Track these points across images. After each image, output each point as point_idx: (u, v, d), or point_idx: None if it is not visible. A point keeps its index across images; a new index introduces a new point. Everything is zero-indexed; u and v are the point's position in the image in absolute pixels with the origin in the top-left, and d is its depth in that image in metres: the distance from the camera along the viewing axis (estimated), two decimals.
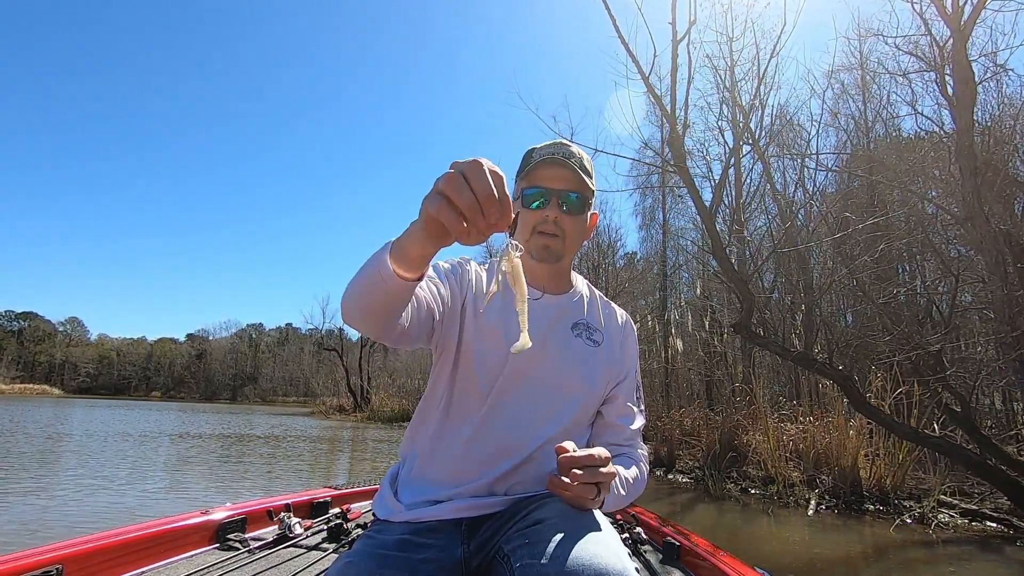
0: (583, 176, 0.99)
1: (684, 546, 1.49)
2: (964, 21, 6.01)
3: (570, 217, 1.00)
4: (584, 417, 1.05)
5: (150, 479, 7.43)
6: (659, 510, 5.96)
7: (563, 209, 0.99)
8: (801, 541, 4.69)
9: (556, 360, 1.01)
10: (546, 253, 1.00)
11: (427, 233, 0.67)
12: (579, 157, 1.01)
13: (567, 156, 0.99)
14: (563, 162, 0.98)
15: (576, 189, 0.99)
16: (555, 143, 1.02)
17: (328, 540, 1.58)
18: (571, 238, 1.01)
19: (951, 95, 6.91)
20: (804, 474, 6.53)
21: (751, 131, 5.56)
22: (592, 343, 1.06)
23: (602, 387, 1.06)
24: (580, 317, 1.08)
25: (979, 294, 7.46)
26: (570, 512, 0.77)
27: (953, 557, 4.29)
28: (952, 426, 6.05)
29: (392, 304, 0.80)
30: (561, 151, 1.00)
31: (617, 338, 1.11)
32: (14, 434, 12.70)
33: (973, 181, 6.05)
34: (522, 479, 0.95)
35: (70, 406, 33.40)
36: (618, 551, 0.71)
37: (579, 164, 1.00)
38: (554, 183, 0.98)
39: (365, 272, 0.78)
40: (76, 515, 5.06)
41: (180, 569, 1.31)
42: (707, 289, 12.41)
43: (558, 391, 1.01)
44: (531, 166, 1.00)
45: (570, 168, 0.98)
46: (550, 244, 1.00)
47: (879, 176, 7.71)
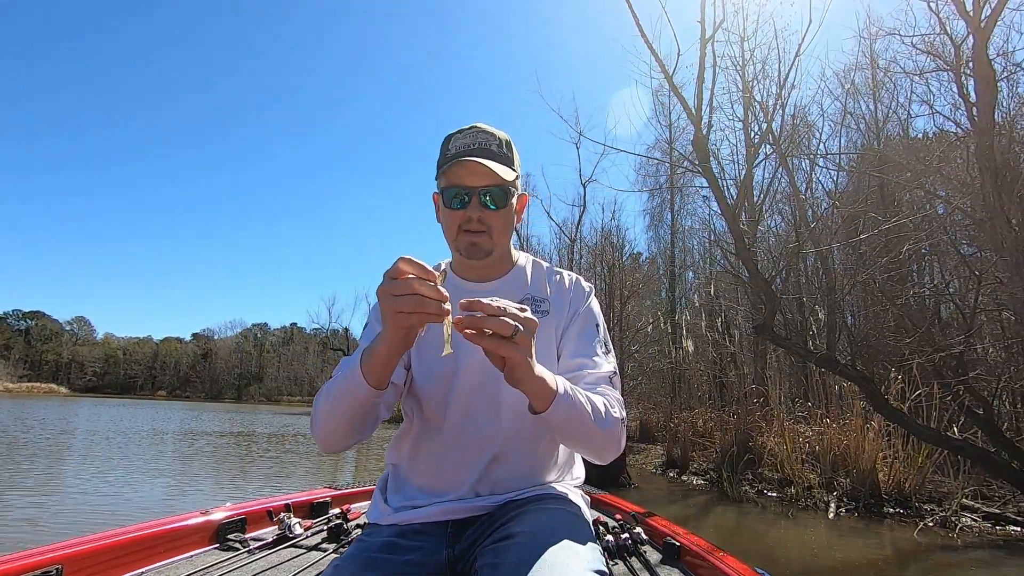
0: (502, 167, 0.95)
1: (684, 546, 1.47)
2: (984, 20, 5.95)
3: (494, 212, 0.97)
4: None
5: (153, 478, 7.45)
6: (676, 513, 5.96)
7: (485, 206, 0.96)
8: (824, 545, 4.65)
9: None
10: (474, 251, 0.98)
11: (395, 337, 0.76)
12: (499, 141, 0.98)
13: (484, 147, 0.96)
14: (479, 158, 0.94)
15: (496, 183, 0.95)
16: (471, 131, 0.98)
17: (328, 540, 1.58)
18: (498, 231, 0.99)
19: (967, 94, 6.86)
20: (821, 477, 6.48)
21: (773, 132, 5.52)
22: (540, 314, 1.02)
23: (552, 352, 1.03)
24: (524, 292, 1.05)
25: (991, 294, 7.39)
26: (541, 528, 0.78)
27: (979, 562, 4.25)
28: (970, 429, 6.00)
29: (368, 414, 0.88)
30: (478, 141, 0.96)
31: (566, 299, 1.06)
32: (28, 431, 12.76)
33: (993, 181, 5.99)
34: (501, 476, 0.96)
35: (77, 405, 33.57)
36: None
37: (499, 153, 0.97)
38: (473, 180, 0.95)
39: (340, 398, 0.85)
40: (78, 514, 5.09)
41: (180, 569, 1.30)
42: (717, 289, 12.35)
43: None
44: (448, 165, 0.95)
45: (488, 161, 0.94)
46: (477, 241, 0.98)
47: (895, 177, 7.66)
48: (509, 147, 1.00)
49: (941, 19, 6.97)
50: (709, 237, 15.30)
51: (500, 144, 0.98)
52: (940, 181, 8.01)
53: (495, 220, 0.98)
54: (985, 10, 6.08)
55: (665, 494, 7.37)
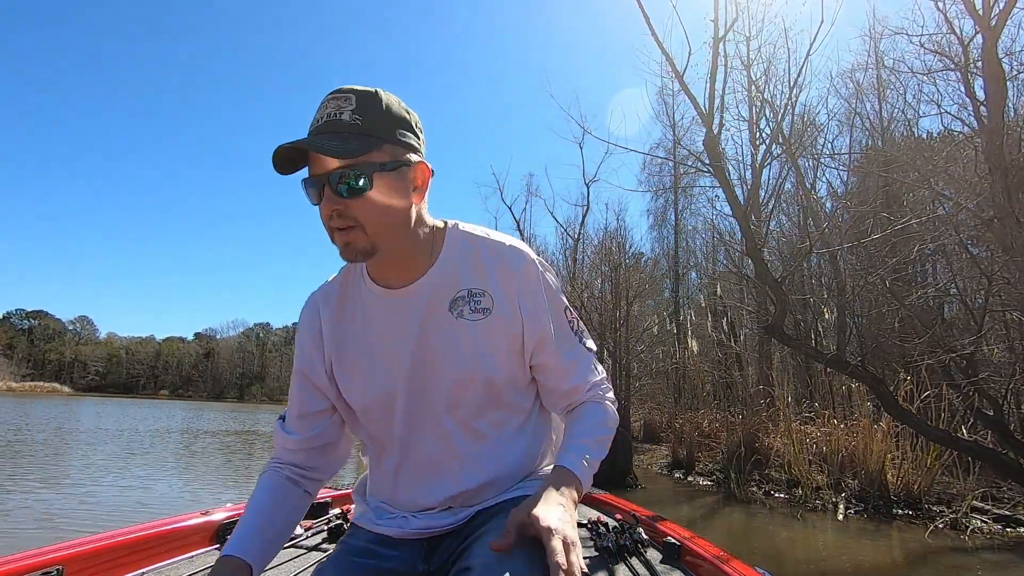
0: (358, 139, 0.74)
1: (684, 546, 1.46)
2: (995, 18, 5.92)
3: (356, 201, 0.75)
4: (496, 400, 0.87)
5: (153, 478, 7.46)
6: (684, 514, 5.94)
7: (340, 195, 0.75)
8: (834, 546, 4.63)
9: (442, 359, 0.85)
10: (351, 252, 0.78)
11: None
12: (354, 105, 0.76)
13: (333, 119, 0.75)
14: (319, 140, 0.74)
15: (351, 164, 0.74)
16: (325, 101, 0.77)
17: (328, 540, 1.57)
18: (374, 224, 0.77)
19: (975, 94, 6.83)
20: (829, 478, 6.46)
21: (783, 132, 5.50)
22: (480, 313, 0.85)
23: (509, 357, 0.87)
24: (458, 288, 0.85)
25: (996, 295, 7.35)
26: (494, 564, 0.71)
27: (991, 564, 4.22)
28: (979, 430, 5.97)
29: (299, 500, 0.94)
30: (327, 114, 0.75)
31: (512, 289, 0.86)
32: (30, 431, 12.78)
33: (1003, 181, 5.96)
34: (469, 486, 0.88)
35: (79, 404, 33.64)
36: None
37: (350, 123, 0.75)
38: (318, 167, 0.76)
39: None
40: (79, 514, 5.09)
41: (180, 570, 1.30)
42: (721, 289, 12.32)
43: (460, 391, 0.85)
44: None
45: (330, 141, 0.74)
46: (349, 240, 0.77)
47: (901, 177, 7.62)
48: (372, 107, 0.76)
49: (948, 18, 6.94)
50: (713, 237, 15.31)
51: (357, 108, 0.75)
52: (947, 181, 7.98)
53: (361, 210, 0.76)
54: (995, 9, 6.05)
55: (672, 495, 7.34)
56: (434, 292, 0.85)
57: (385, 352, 0.86)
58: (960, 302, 7.62)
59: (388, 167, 0.77)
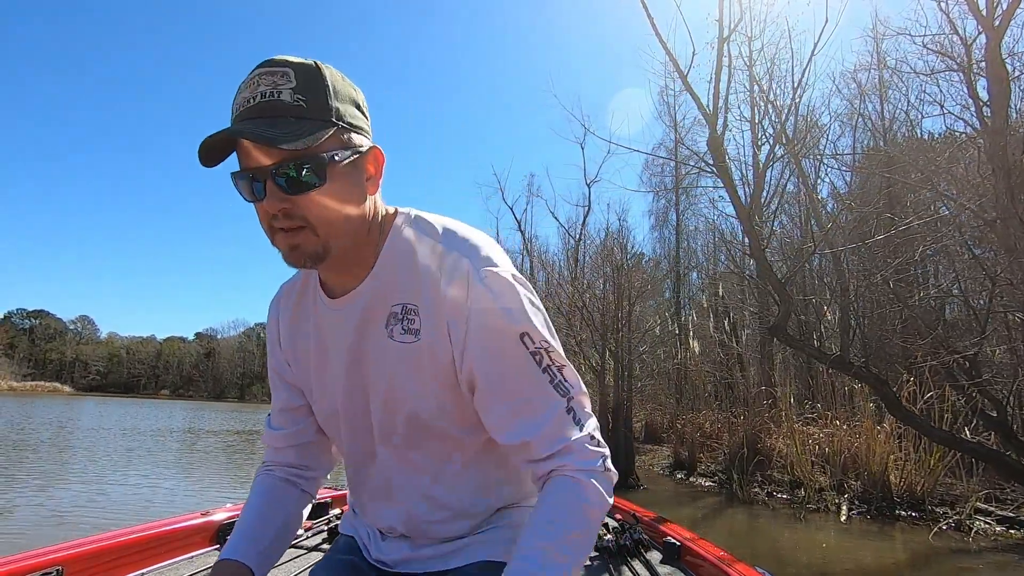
0: (304, 124, 0.61)
1: (684, 546, 1.48)
2: (999, 18, 5.91)
3: (307, 197, 0.63)
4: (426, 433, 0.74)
5: (154, 478, 7.46)
6: (687, 515, 5.94)
7: (288, 191, 0.63)
8: (839, 548, 4.62)
9: (372, 384, 0.74)
10: (298, 256, 0.65)
11: None
12: (294, 83, 0.62)
13: (269, 101, 0.61)
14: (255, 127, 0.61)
15: (300, 154, 0.61)
16: (253, 75, 0.63)
17: (328, 541, 1.58)
18: (325, 222, 0.65)
19: (978, 95, 6.82)
20: (832, 479, 6.45)
21: (787, 133, 5.49)
22: (411, 334, 0.70)
23: (441, 390, 0.71)
24: (394, 301, 0.71)
25: (997, 296, 7.35)
26: None
27: (995, 565, 4.22)
28: (981, 432, 5.95)
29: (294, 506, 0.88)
30: (260, 92, 0.62)
31: (442, 309, 0.68)
32: (31, 431, 12.79)
33: (1007, 182, 5.94)
34: (410, 521, 0.79)
35: (81, 404, 33.68)
36: None
37: (292, 104, 0.62)
38: (256, 159, 0.63)
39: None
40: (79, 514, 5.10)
41: (180, 570, 1.30)
42: (722, 290, 12.33)
43: (389, 420, 0.75)
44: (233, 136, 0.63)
45: (277, 129, 0.60)
46: (298, 243, 0.65)
47: (903, 177, 7.61)
48: (316, 84, 0.63)
49: (951, 18, 6.93)
50: (714, 238, 15.32)
51: (299, 86, 0.62)
52: (949, 182, 7.97)
53: (311, 208, 0.64)
54: (998, 9, 6.04)
55: (674, 496, 7.34)
56: (370, 304, 0.72)
57: (327, 369, 0.78)
58: (963, 303, 7.61)
59: (340, 156, 0.64)
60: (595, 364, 9.03)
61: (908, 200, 8.35)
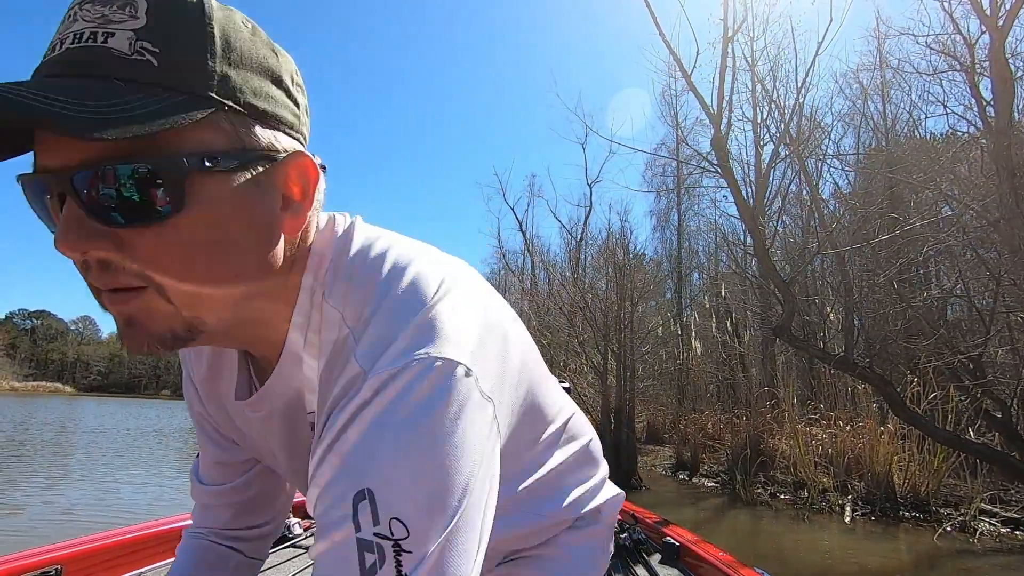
0: (144, 94, 0.35)
1: (684, 546, 1.48)
2: (1003, 18, 5.90)
3: (149, 233, 0.37)
4: None
5: (155, 477, 7.46)
6: (690, 516, 5.92)
7: (105, 219, 0.36)
8: (842, 549, 4.61)
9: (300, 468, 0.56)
10: (137, 340, 0.39)
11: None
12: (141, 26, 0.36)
13: (86, 49, 0.35)
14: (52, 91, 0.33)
15: (134, 152, 0.35)
16: (72, 10, 0.37)
17: None
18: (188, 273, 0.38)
19: (981, 95, 6.80)
20: (835, 480, 6.43)
21: (791, 133, 5.48)
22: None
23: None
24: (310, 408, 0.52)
25: (1001, 296, 7.33)
26: None
27: (1000, 567, 4.20)
28: (985, 433, 5.94)
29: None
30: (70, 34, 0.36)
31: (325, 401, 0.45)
32: (33, 431, 12.80)
33: (1011, 182, 5.93)
34: None
35: (82, 404, 33.72)
36: None
37: (130, 59, 0.35)
38: (56, 154, 0.37)
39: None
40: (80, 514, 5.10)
41: None
42: (724, 290, 12.31)
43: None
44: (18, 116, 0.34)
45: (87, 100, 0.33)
46: (136, 314, 0.39)
47: (907, 178, 7.60)
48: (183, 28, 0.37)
49: (954, 18, 6.92)
50: (716, 238, 15.31)
51: (148, 27, 0.36)
52: (952, 182, 7.95)
53: (155, 255, 0.37)
54: (1002, 9, 6.02)
55: (677, 497, 7.32)
56: (293, 404, 0.52)
57: (264, 446, 0.59)
58: (967, 304, 7.59)
59: (224, 161, 0.37)
60: (597, 364, 9.02)
61: (911, 200, 8.33)
